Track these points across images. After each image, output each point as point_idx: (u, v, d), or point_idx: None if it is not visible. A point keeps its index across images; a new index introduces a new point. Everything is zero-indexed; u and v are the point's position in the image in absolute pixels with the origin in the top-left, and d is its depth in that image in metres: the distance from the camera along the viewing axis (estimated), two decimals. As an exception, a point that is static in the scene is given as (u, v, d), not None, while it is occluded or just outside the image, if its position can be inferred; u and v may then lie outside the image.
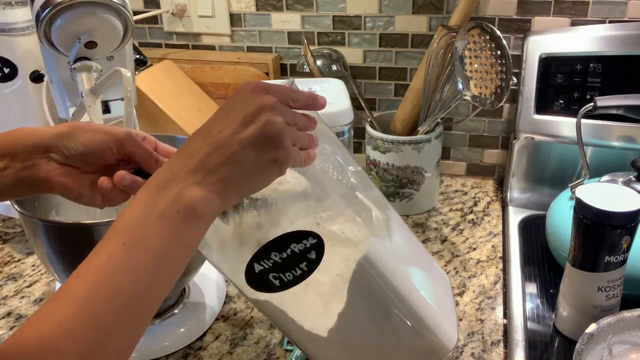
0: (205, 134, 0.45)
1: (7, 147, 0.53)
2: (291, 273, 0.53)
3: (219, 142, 0.44)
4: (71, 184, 0.54)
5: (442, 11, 1.03)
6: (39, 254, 0.70)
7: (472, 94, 0.84)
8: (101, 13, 0.71)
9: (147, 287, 0.41)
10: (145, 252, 0.40)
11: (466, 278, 0.84)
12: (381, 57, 1.09)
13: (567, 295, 0.69)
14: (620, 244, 0.63)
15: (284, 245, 0.52)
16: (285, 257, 0.52)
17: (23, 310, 0.80)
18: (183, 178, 0.43)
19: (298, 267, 0.53)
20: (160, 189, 0.43)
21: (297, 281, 0.53)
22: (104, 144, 0.53)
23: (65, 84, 0.83)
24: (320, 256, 0.52)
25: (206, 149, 0.44)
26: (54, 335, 0.36)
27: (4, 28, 0.89)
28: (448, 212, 1.01)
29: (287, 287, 0.53)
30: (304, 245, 0.52)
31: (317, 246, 0.52)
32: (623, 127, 0.90)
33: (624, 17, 0.96)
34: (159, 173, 0.44)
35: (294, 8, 1.10)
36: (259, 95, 0.45)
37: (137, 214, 0.42)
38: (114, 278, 0.39)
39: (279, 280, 0.53)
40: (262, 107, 0.44)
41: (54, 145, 0.53)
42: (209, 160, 0.43)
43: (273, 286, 0.53)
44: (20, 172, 0.53)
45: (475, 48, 0.85)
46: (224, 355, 0.71)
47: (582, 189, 0.65)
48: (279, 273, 0.53)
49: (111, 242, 0.41)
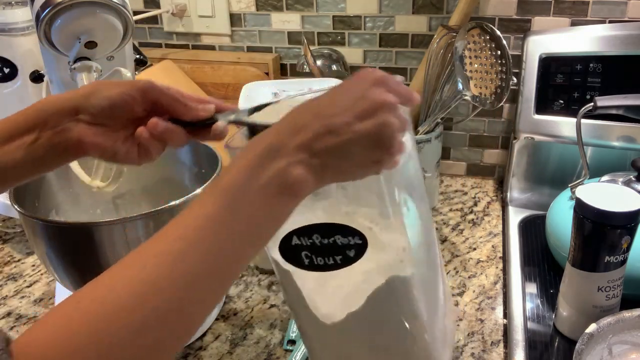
0: (317, 112, 0.43)
1: (34, 118, 0.52)
2: (324, 259, 0.53)
3: (332, 126, 0.43)
4: (104, 142, 0.53)
5: (442, 11, 1.03)
6: (39, 254, 0.70)
7: (472, 94, 0.84)
8: (101, 13, 0.71)
9: (237, 254, 0.41)
10: (242, 219, 0.41)
11: (466, 278, 0.84)
12: (381, 57, 1.09)
13: (567, 295, 0.69)
14: (620, 244, 0.63)
15: (330, 233, 0.52)
16: (326, 243, 0.52)
17: (23, 310, 0.80)
18: (289, 153, 0.42)
19: (333, 257, 0.53)
20: (265, 158, 0.42)
21: (326, 269, 0.54)
22: (127, 95, 0.52)
23: (65, 84, 0.83)
24: (358, 257, 0.53)
25: (317, 129, 0.42)
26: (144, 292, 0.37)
27: (4, 28, 0.89)
28: (448, 212, 1.01)
29: (314, 270, 0.54)
30: (348, 241, 0.52)
31: (359, 247, 0.52)
32: (623, 127, 0.90)
33: (624, 17, 0.96)
34: (265, 138, 0.43)
35: (294, 8, 1.10)
36: (381, 90, 0.44)
37: (240, 179, 0.41)
38: (211, 240, 0.39)
39: (309, 260, 0.53)
40: (382, 104, 0.43)
41: (80, 106, 0.52)
42: (317, 142, 0.42)
43: (301, 263, 0.53)
44: (52, 140, 0.52)
45: (475, 48, 0.85)
46: (224, 355, 0.71)
47: (582, 189, 0.65)
48: (312, 254, 0.53)
49: (211, 202, 0.40)
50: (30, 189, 0.74)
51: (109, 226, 0.63)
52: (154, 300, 0.37)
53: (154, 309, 0.37)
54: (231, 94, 1.15)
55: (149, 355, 0.37)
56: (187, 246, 0.39)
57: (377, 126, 0.43)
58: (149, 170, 0.85)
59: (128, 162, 0.55)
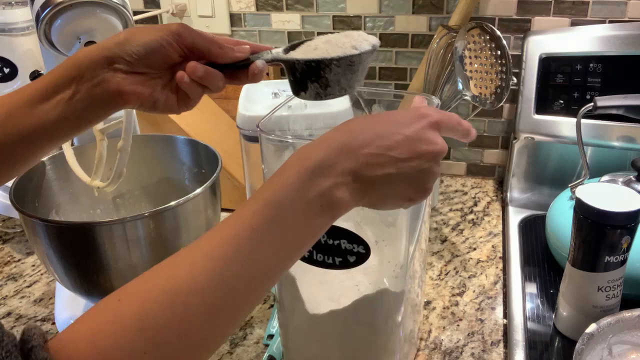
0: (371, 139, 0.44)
1: (69, 70, 0.51)
2: (323, 257, 0.54)
3: (383, 159, 0.44)
4: (143, 91, 0.52)
5: (442, 11, 1.03)
6: (39, 254, 0.70)
7: (472, 94, 0.84)
8: (101, 13, 0.71)
9: (274, 265, 0.42)
10: (285, 232, 0.41)
11: (466, 278, 0.84)
12: (381, 57, 1.09)
13: (567, 295, 0.69)
14: (620, 243, 0.63)
15: (337, 235, 0.53)
16: (330, 244, 0.53)
17: (23, 310, 0.80)
18: (337, 174, 0.43)
19: (333, 258, 0.54)
20: (314, 174, 0.42)
21: (324, 266, 0.54)
22: (162, 40, 0.52)
23: (65, 84, 0.83)
24: (357, 264, 0.54)
25: (368, 158, 0.44)
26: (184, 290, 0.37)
27: (4, 28, 0.89)
28: (448, 212, 1.01)
29: (311, 264, 0.55)
30: (352, 247, 0.53)
31: (361, 255, 0.53)
32: (623, 127, 0.90)
33: (624, 17, 0.96)
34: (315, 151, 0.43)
35: (294, 8, 1.10)
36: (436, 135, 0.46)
37: (286, 194, 0.41)
38: (254, 249, 0.40)
39: (309, 254, 0.54)
40: (433, 154, 0.46)
41: (116, 55, 0.51)
42: (365, 169, 0.43)
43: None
44: (91, 93, 0.51)
45: (475, 48, 0.85)
46: (224, 355, 0.71)
47: (582, 189, 0.65)
48: (314, 249, 0.54)
49: (258, 212, 0.41)
50: (30, 189, 0.74)
51: (109, 226, 0.63)
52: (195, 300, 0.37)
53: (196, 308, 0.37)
54: (231, 94, 1.15)
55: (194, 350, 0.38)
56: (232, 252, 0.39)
57: (423, 171, 0.45)
58: (149, 170, 0.85)
59: (168, 111, 0.55)
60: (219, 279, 0.39)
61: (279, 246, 0.41)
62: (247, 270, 0.40)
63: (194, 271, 0.38)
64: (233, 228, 0.40)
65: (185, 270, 0.38)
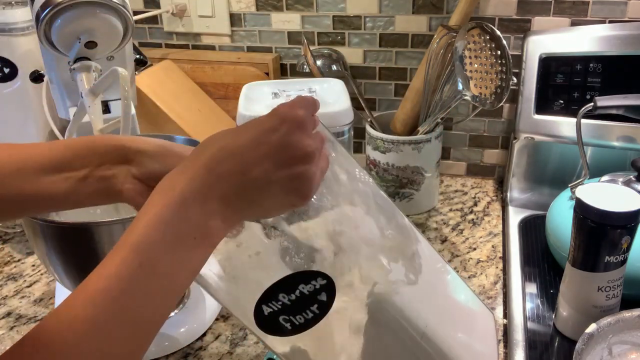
0: (236, 160, 0.42)
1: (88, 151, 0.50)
2: (302, 316, 0.50)
3: (249, 178, 0.42)
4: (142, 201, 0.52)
5: (442, 11, 1.03)
6: (39, 254, 0.70)
7: (472, 94, 0.84)
8: (101, 13, 0.71)
9: (155, 310, 0.40)
10: (159, 276, 0.39)
11: (466, 278, 0.84)
12: (381, 57, 1.09)
13: (567, 295, 0.69)
14: (620, 244, 0.63)
15: (293, 285, 0.49)
16: (294, 298, 0.49)
17: (23, 310, 0.80)
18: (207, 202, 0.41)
19: (309, 309, 0.50)
20: (183, 206, 0.40)
21: (310, 324, 0.50)
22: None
23: (65, 84, 0.83)
24: (332, 298, 0.50)
25: (235, 180, 0.41)
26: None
27: (4, 28, 0.89)
28: (448, 212, 1.01)
29: (300, 331, 0.50)
30: (313, 286, 0.49)
31: (327, 287, 0.50)
32: (623, 127, 0.90)
33: (624, 17, 0.96)
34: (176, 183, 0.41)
35: (294, 8, 1.10)
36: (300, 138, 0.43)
37: (155, 233, 0.39)
38: (126, 302, 0.37)
39: (291, 324, 0.50)
40: (300, 156, 0.43)
41: (138, 161, 0.51)
42: (234, 194, 0.42)
43: (285, 329, 0.50)
44: (100, 183, 0.50)
45: (475, 48, 0.85)
46: (224, 355, 0.71)
47: (582, 189, 0.65)
48: (289, 316, 0.50)
49: (125, 260, 0.38)
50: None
51: (109, 226, 0.63)
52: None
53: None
54: (231, 94, 1.15)
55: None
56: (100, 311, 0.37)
57: (297, 176, 0.43)
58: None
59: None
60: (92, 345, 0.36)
61: (153, 289, 0.39)
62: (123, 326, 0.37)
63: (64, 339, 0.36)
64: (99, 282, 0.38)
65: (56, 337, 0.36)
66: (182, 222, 0.40)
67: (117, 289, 0.37)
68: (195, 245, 0.40)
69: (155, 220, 0.39)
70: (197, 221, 0.40)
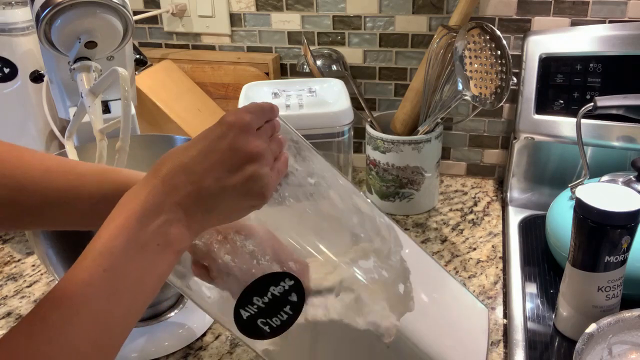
0: (189, 171, 0.44)
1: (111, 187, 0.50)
2: (278, 318, 0.52)
3: (203, 187, 0.44)
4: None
5: (442, 11, 1.03)
6: (39, 254, 0.70)
7: (472, 94, 0.84)
8: (101, 13, 0.71)
9: (123, 315, 0.41)
10: (125, 280, 0.41)
11: (466, 278, 0.84)
12: (381, 57, 1.09)
13: (567, 295, 0.69)
14: (620, 243, 0.63)
15: (264, 288, 0.51)
16: (267, 301, 0.51)
17: (23, 310, 0.80)
18: (166, 211, 0.43)
19: (283, 311, 0.52)
20: (143, 217, 0.42)
21: (286, 326, 0.52)
22: None
23: (65, 84, 0.83)
24: (302, 298, 0.52)
25: (190, 189, 0.44)
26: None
27: (4, 28, 0.89)
28: (448, 212, 1.01)
29: (278, 333, 0.52)
30: (282, 287, 0.51)
31: (296, 287, 0.51)
32: (623, 127, 0.90)
33: (624, 17, 0.96)
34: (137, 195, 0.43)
35: (294, 8, 1.10)
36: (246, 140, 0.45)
37: (118, 240, 0.41)
38: (92, 306, 0.39)
39: (269, 327, 0.52)
40: (250, 157, 0.45)
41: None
42: (192, 203, 0.44)
43: (264, 333, 0.52)
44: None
45: (475, 48, 0.85)
46: (224, 355, 0.71)
47: (582, 189, 0.65)
48: (266, 318, 0.52)
49: (90, 266, 0.40)
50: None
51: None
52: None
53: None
54: (231, 94, 1.15)
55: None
56: (67, 314, 0.38)
57: (245, 179, 0.44)
58: (148, 169, 0.85)
59: None
60: (59, 347, 0.37)
61: (121, 296, 0.40)
62: (90, 330, 0.38)
63: (35, 343, 0.37)
64: (65, 289, 0.39)
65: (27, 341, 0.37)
66: (143, 229, 0.42)
67: (84, 293, 0.39)
68: (159, 252, 0.42)
69: (119, 229, 0.42)
70: (158, 229, 0.42)
